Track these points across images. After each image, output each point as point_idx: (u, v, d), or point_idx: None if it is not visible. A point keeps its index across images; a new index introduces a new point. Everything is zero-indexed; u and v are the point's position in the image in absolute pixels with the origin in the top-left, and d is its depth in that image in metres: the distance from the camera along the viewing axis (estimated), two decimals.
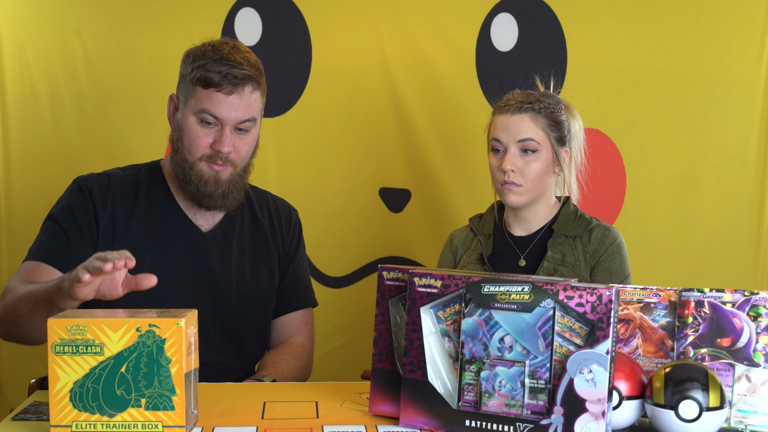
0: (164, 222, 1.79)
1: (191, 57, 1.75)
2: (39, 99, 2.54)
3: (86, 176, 1.81)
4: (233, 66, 1.70)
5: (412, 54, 2.58)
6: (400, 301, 1.38)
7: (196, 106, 1.72)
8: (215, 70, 1.69)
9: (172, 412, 1.22)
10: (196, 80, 1.71)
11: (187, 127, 1.73)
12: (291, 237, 1.96)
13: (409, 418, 1.32)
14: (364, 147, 2.60)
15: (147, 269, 1.72)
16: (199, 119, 1.72)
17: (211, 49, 1.73)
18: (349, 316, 2.61)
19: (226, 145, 1.72)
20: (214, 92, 1.70)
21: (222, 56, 1.71)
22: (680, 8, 2.55)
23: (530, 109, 1.91)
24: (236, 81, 1.70)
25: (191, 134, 1.73)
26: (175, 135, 1.77)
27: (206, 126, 1.72)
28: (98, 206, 1.75)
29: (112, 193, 1.78)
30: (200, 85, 1.71)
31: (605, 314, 1.19)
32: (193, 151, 1.73)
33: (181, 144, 1.75)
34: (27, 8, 2.52)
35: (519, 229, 2.01)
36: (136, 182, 1.82)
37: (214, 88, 1.70)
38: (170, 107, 1.80)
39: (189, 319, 1.25)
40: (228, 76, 1.69)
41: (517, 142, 1.91)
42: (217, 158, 1.73)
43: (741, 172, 2.59)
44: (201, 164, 1.74)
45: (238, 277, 1.84)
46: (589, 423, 1.19)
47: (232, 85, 1.70)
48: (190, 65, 1.74)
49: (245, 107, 1.73)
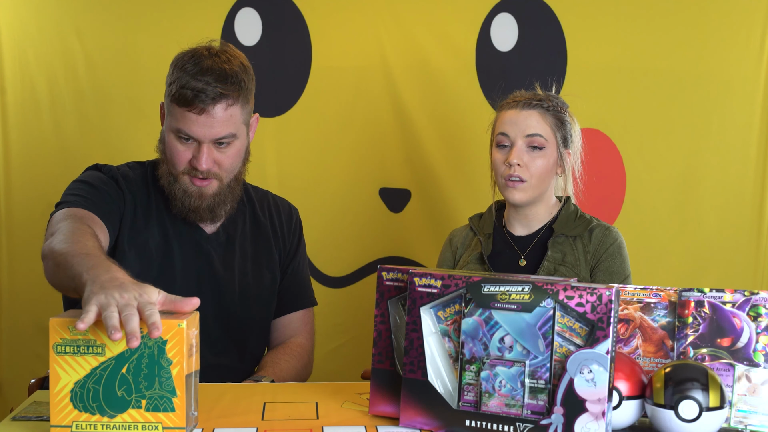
0: (171, 223, 1.79)
1: (173, 68, 1.71)
2: (39, 99, 2.54)
3: (108, 166, 1.78)
4: (207, 83, 1.64)
5: (412, 54, 2.58)
6: (399, 302, 1.38)
7: (172, 124, 1.69)
8: (188, 87, 1.64)
9: (173, 413, 1.22)
10: (172, 97, 1.67)
11: (168, 142, 1.71)
12: (292, 237, 1.96)
13: (409, 418, 1.32)
14: (364, 147, 2.61)
15: (154, 270, 1.73)
16: (177, 136, 1.70)
17: (191, 61, 1.68)
18: (349, 316, 2.62)
19: (204, 163, 1.68)
20: (186, 111, 1.66)
21: (199, 70, 1.65)
22: (680, 8, 2.56)
23: (539, 106, 1.91)
24: (207, 101, 1.64)
25: (171, 149, 1.71)
26: (160, 146, 1.75)
27: (185, 142, 1.70)
28: (125, 194, 1.73)
29: (133, 189, 1.77)
30: (175, 102, 1.67)
31: (605, 314, 1.19)
32: (176, 165, 1.72)
33: (165, 156, 1.73)
34: (27, 8, 2.52)
35: (519, 228, 2.00)
36: (146, 182, 1.81)
37: (185, 107, 1.65)
38: (162, 115, 1.77)
39: (190, 321, 1.25)
40: (199, 96, 1.64)
41: (525, 137, 1.90)
42: (197, 173, 1.71)
43: (741, 172, 2.59)
44: (184, 178, 1.72)
45: (241, 279, 1.84)
46: (589, 423, 1.19)
47: (203, 104, 1.65)
48: (170, 77, 1.70)
49: (220, 124, 1.67)
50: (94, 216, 1.62)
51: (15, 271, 2.56)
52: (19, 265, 2.56)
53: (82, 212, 1.60)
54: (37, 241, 2.36)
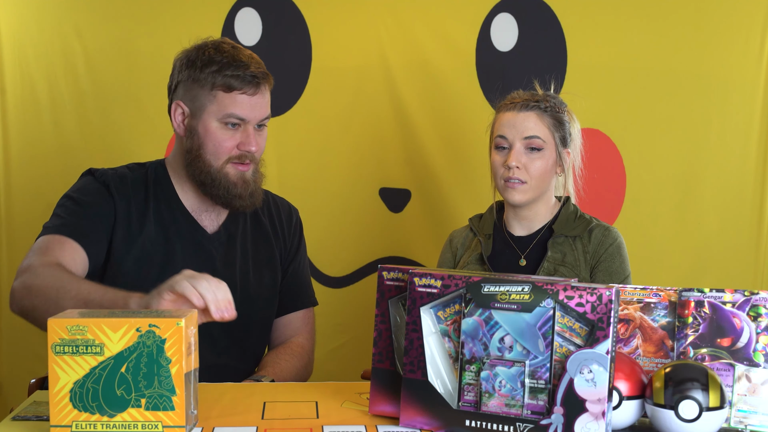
0: (172, 223, 1.79)
1: (197, 63, 1.73)
2: (39, 99, 2.54)
3: (101, 171, 1.79)
4: (248, 66, 1.72)
5: (412, 54, 2.58)
6: (400, 301, 1.38)
7: (220, 111, 1.72)
8: (234, 74, 1.70)
9: (172, 412, 1.22)
10: (216, 86, 1.71)
11: (210, 132, 1.73)
12: (292, 237, 1.96)
13: (409, 418, 1.32)
14: (364, 147, 2.61)
15: (156, 271, 1.73)
16: (224, 123, 1.73)
17: (216, 51, 1.73)
18: (349, 316, 2.61)
19: (254, 144, 1.74)
20: (238, 95, 1.72)
21: (233, 58, 1.72)
22: (680, 8, 2.56)
23: (537, 107, 1.91)
24: (257, 81, 1.73)
25: (216, 139, 1.73)
26: (195, 142, 1.75)
27: (230, 128, 1.73)
28: (116, 200, 1.74)
29: (127, 192, 1.77)
30: (221, 89, 1.71)
31: (605, 314, 1.19)
32: (220, 155, 1.74)
33: (204, 150, 1.74)
34: (27, 8, 2.52)
35: (519, 229, 2.00)
36: (146, 183, 1.81)
37: (237, 91, 1.71)
38: (177, 116, 1.77)
39: (189, 320, 1.25)
40: (248, 77, 1.71)
41: (523, 139, 1.91)
42: (244, 158, 1.75)
43: (741, 172, 2.59)
44: (227, 167, 1.74)
45: (242, 278, 1.84)
46: (589, 423, 1.19)
47: (254, 86, 1.73)
48: (199, 71, 1.72)
49: (265, 105, 1.77)
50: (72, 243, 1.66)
51: (15, 271, 2.56)
52: (19, 264, 2.55)
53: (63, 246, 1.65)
54: None
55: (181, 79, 1.76)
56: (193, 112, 1.74)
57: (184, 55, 1.77)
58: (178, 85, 1.77)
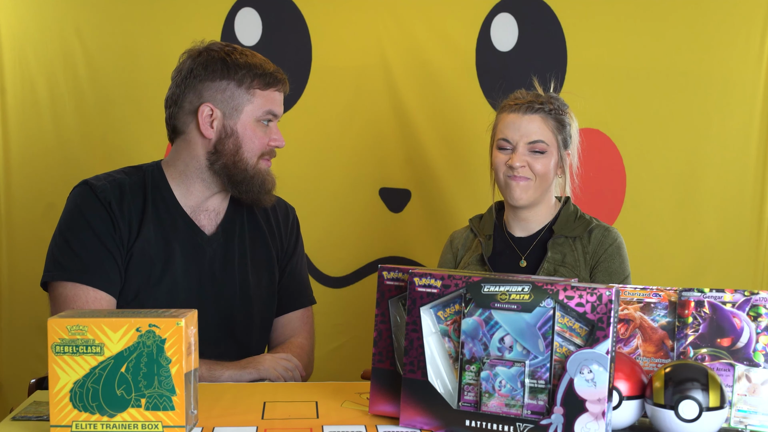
0: (171, 225, 1.79)
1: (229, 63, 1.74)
2: (39, 99, 2.54)
3: (102, 187, 1.75)
4: (270, 66, 1.79)
5: (412, 54, 2.58)
6: (400, 301, 1.38)
7: (261, 108, 1.77)
8: (267, 72, 1.77)
9: (172, 412, 1.22)
10: (252, 84, 1.76)
11: (248, 130, 1.77)
12: (289, 236, 1.95)
13: (409, 418, 1.32)
14: (364, 147, 2.60)
15: (156, 273, 1.73)
16: (262, 121, 1.78)
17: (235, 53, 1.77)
18: (349, 316, 2.61)
19: (282, 138, 1.82)
20: (273, 92, 1.79)
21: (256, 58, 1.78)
22: (680, 8, 2.56)
23: (541, 110, 1.90)
24: (284, 78, 1.81)
25: (255, 136, 1.78)
26: (231, 142, 1.76)
27: (265, 125, 1.79)
28: (117, 218, 1.73)
29: (127, 202, 1.76)
30: (259, 87, 1.76)
31: (605, 314, 1.19)
32: (256, 152, 1.79)
33: (242, 148, 1.77)
34: (27, 8, 2.52)
35: (519, 229, 2.00)
36: (144, 186, 1.80)
37: (273, 88, 1.79)
38: (207, 118, 1.76)
39: (189, 319, 1.25)
40: (278, 75, 1.79)
41: (528, 144, 1.90)
42: (273, 153, 1.83)
43: (741, 172, 2.59)
44: (261, 163, 1.80)
45: (241, 279, 1.84)
46: (589, 423, 1.19)
47: (283, 83, 1.81)
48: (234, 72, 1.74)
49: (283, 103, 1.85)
50: (97, 293, 1.68)
51: (15, 270, 2.56)
52: (19, 265, 2.56)
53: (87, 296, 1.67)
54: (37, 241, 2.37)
55: (206, 81, 1.75)
56: (228, 112, 1.76)
57: (202, 58, 1.76)
58: (200, 87, 1.75)
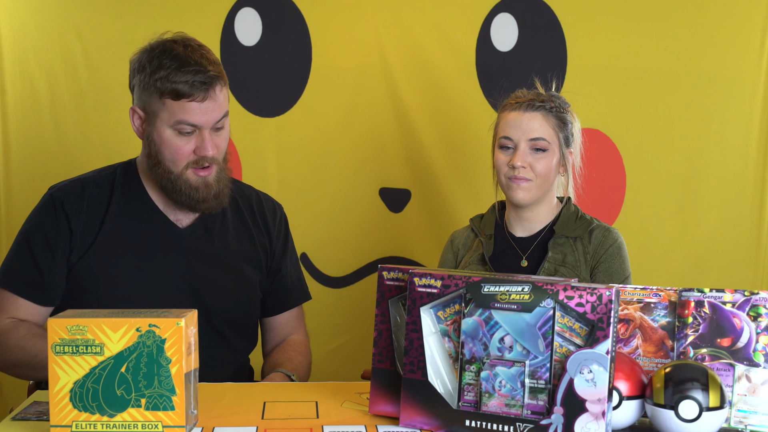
0: (142, 220, 1.79)
1: (147, 69, 1.69)
2: (39, 99, 2.54)
3: (60, 187, 1.80)
4: (198, 71, 1.66)
5: (412, 54, 2.58)
6: (400, 301, 1.38)
7: (170, 119, 1.69)
8: (181, 81, 1.65)
9: (172, 412, 1.22)
10: (163, 93, 1.67)
11: (164, 139, 1.70)
12: (278, 234, 1.93)
13: (409, 418, 1.32)
14: (364, 147, 2.60)
15: (128, 268, 1.73)
16: (177, 131, 1.70)
17: (165, 55, 1.68)
18: (349, 316, 2.61)
19: (210, 149, 1.70)
20: (186, 103, 1.67)
21: (182, 62, 1.66)
22: (680, 8, 2.55)
23: (542, 108, 1.91)
24: (205, 86, 1.67)
25: (171, 146, 1.70)
26: (153, 148, 1.73)
27: (185, 135, 1.70)
28: (71, 216, 1.74)
29: (87, 198, 1.77)
30: (169, 97, 1.67)
31: (605, 314, 1.19)
32: (177, 162, 1.71)
33: (162, 157, 1.72)
34: (27, 8, 2.52)
35: (520, 229, 2.00)
36: (112, 181, 1.81)
37: (186, 98, 1.66)
38: (135, 120, 1.76)
39: (189, 319, 1.26)
40: (196, 84, 1.65)
41: (529, 141, 1.90)
42: (202, 162, 1.72)
43: (741, 172, 2.59)
44: (187, 173, 1.72)
45: (221, 273, 1.82)
46: (589, 423, 1.19)
47: (203, 91, 1.67)
48: (148, 77, 1.69)
49: (218, 107, 1.71)
50: (29, 304, 1.75)
51: None
52: None
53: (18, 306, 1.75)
54: None
55: (135, 84, 1.74)
56: (147, 117, 1.73)
57: (138, 57, 1.74)
58: (134, 88, 1.76)
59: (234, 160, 2.58)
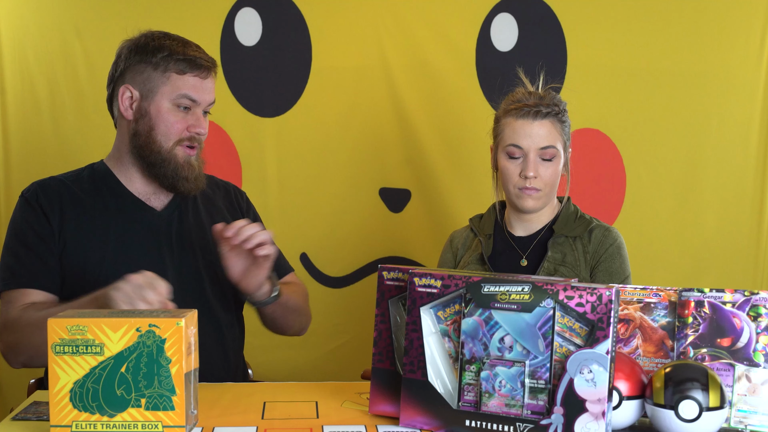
0: (118, 208, 1.81)
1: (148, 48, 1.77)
2: (39, 99, 2.54)
3: (29, 186, 1.83)
4: (200, 52, 1.79)
5: (412, 54, 2.58)
6: (400, 301, 1.38)
7: (172, 93, 1.76)
8: (188, 57, 1.76)
9: (172, 412, 1.22)
10: (169, 68, 1.76)
11: (162, 113, 1.77)
12: (246, 212, 1.98)
13: (409, 418, 1.32)
14: (364, 147, 2.61)
15: (109, 256, 1.75)
16: (176, 105, 1.77)
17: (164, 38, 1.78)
18: (349, 316, 2.61)
19: (204, 127, 1.79)
20: (191, 77, 1.77)
21: (185, 42, 1.79)
22: (680, 8, 2.56)
23: (549, 115, 1.89)
24: (208, 66, 1.79)
25: (167, 120, 1.77)
26: (145, 124, 1.78)
27: (182, 111, 1.77)
28: (47, 210, 1.77)
29: (57, 194, 1.80)
30: (175, 71, 1.76)
31: (605, 314, 1.19)
32: (171, 136, 1.77)
33: (156, 131, 1.77)
34: (27, 8, 2.52)
35: (520, 229, 2.00)
36: (80, 179, 1.84)
37: (191, 73, 1.77)
38: (125, 99, 1.80)
39: (189, 319, 1.26)
40: (200, 61, 1.77)
41: (539, 150, 1.89)
42: (193, 141, 1.79)
43: (741, 172, 2.59)
44: (177, 149, 1.78)
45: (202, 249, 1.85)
46: (589, 423, 1.19)
47: (206, 69, 1.79)
48: (151, 55, 1.76)
49: (213, 91, 1.82)
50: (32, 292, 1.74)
51: None
52: None
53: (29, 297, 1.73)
54: None
55: (130, 64, 1.79)
56: (144, 94, 1.78)
57: (132, 42, 1.81)
58: (126, 70, 1.80)
59: (234, 160, 2.59)
